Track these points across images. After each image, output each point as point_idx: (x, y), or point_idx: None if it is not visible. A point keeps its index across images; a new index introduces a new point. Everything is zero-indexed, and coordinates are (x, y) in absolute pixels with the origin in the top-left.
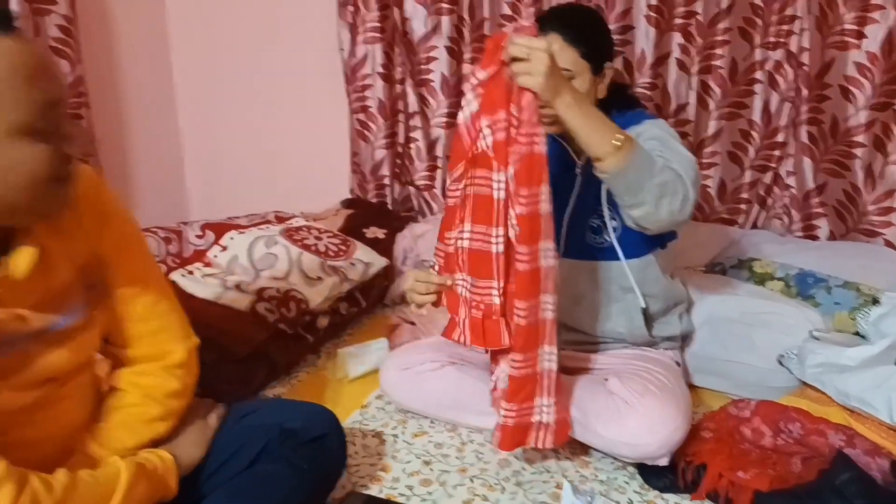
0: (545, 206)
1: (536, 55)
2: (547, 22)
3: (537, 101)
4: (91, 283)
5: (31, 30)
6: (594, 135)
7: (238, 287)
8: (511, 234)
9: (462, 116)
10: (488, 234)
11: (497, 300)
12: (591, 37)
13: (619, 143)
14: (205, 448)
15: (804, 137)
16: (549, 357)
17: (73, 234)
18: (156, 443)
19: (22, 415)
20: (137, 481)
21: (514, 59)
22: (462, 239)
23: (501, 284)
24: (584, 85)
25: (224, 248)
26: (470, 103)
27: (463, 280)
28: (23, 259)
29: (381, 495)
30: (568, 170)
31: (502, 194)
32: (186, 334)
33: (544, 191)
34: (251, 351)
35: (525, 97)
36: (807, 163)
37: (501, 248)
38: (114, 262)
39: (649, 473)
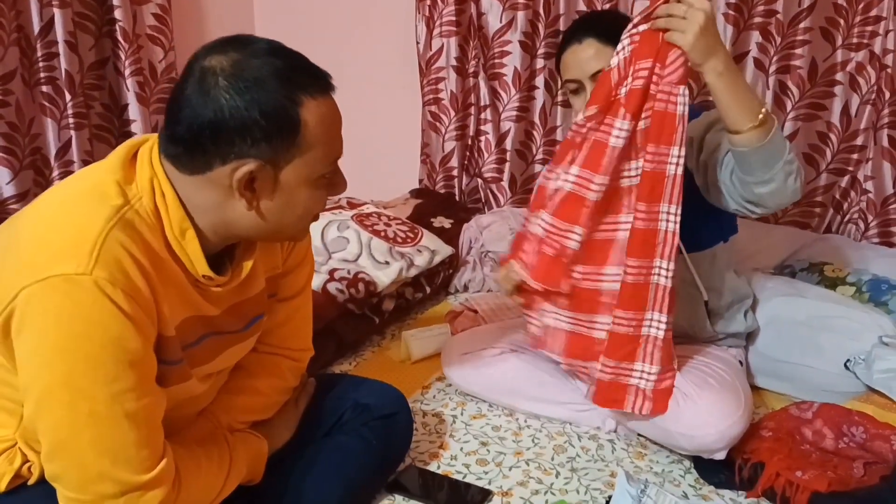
0: (673, 168)
1: (692, 13)
2: (577, 31)
3: (684, 61)
4: (272, 293)
5: (130, 18)
6: (740, 107)
7: None
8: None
9: (615, 60)
10: (589, 181)
11: (574, 245)
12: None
13: (763, 117)
14: (293, 430)
15: (885, 141)
16: (656, 324)
17: (274, 253)
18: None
19: (192, 400)
20: (242, 465)
21: (671, 16)
22: (566, 181)
23: (584, 231)
24: None
25: None
26: (624, 49)
27: (542, 220)
28: (245, 269)
29: (439, 471)
30: None
31: (620, 142)
32: (310, 346)
33: (675, 153)
34: (321, 328)
35: (672, 54)
36: (886, 167)
37: (597, 196)
38: (287, 276)
39: (705, 468)
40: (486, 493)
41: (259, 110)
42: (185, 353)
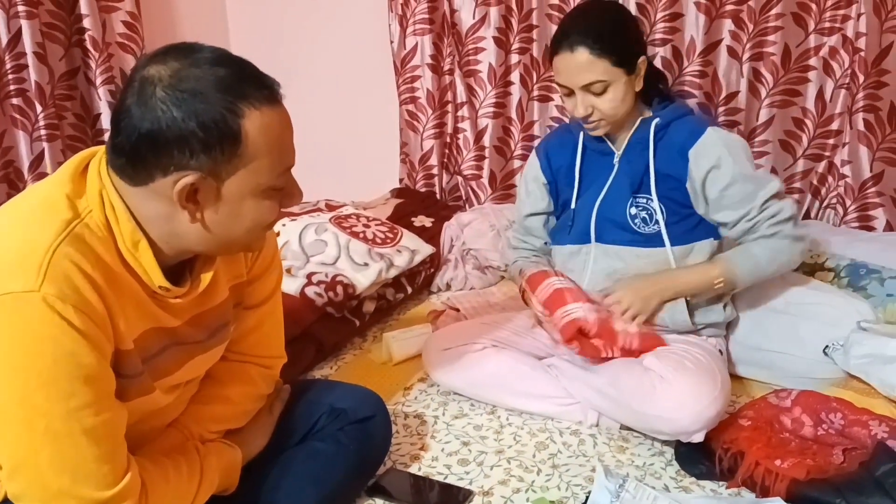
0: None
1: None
2: (569, 35)
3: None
4: (238, 301)
5: (100, 26)
6: (700, 291)
7: (289, 271)
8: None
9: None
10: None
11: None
12: (619, 41)
13: (721, 283)
14: (268, 437)
15: (860, 125)
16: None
17: (238, 262)
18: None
19: (159, 412)
20: (214, 475)
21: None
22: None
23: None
24: (621, 89)
25: (276, 234)
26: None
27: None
28: (203, 281)
29: (420, 473)
30: (605, 155)
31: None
32: (282, 353)
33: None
34: (300, 332)
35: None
36: (863, 151)
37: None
38: (253, 284)
39: (685, 460)
40: (468, 494)
41: (197, 122)
42: (145, 366)
